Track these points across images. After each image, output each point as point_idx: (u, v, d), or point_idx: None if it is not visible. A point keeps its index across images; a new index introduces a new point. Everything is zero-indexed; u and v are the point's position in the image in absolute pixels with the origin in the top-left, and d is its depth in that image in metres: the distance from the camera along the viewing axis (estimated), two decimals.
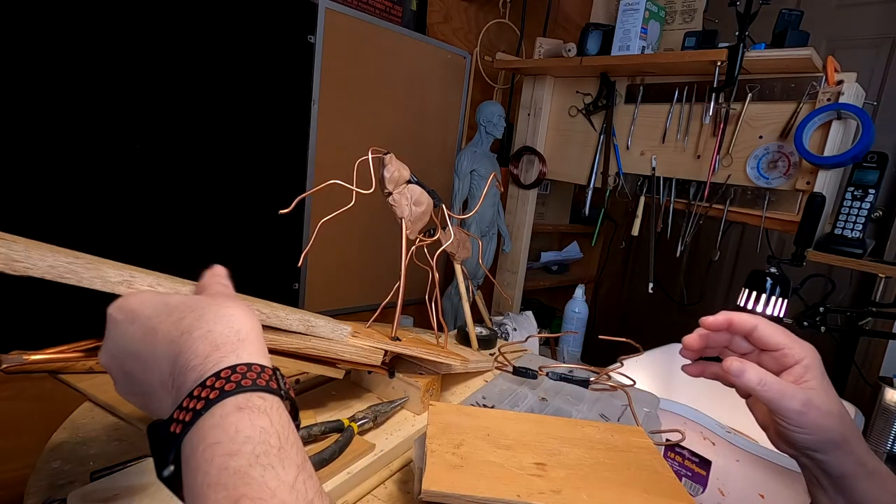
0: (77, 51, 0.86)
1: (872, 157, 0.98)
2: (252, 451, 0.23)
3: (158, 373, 0.28)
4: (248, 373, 0.26)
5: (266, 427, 0.25)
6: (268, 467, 0.23)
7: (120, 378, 0.31)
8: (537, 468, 0.40)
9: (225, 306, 0.30)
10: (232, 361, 0.26)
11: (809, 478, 0.43)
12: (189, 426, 0.25)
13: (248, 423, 0.24)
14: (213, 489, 0.22)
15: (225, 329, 0.28)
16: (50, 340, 0.51)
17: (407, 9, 1.37)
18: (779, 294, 0.81)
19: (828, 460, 0.40)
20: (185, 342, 0.27)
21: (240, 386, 0.25)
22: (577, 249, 2.04)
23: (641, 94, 1.28)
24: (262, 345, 0.29)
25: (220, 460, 0.23)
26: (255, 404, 0.25)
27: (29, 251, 0.29)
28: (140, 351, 0.29)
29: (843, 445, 0.39)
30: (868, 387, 1.47)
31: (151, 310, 0.30)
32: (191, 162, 1.03)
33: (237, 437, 0.24)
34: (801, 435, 0.39)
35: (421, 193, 0.67)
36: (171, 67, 0.97)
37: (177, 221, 1.04)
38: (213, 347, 0.27)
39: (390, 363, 0.60)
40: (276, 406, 0.26)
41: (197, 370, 0.26)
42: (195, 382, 0.26)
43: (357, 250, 1.38)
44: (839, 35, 1.69)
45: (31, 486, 0.44)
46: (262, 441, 0.24)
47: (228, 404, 0.25)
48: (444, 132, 1.53)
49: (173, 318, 0.29)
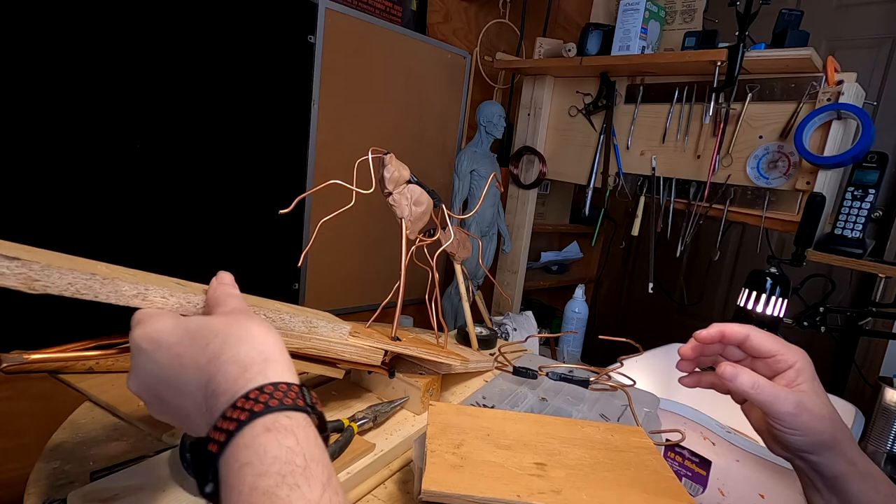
0: (78, 51, 0.86)
1: (872, 157, 0.98)
2: (279, 471, 0.25)
3: (191, 398, 0.30)
4: (275, 392, 0.28)
5: (292, 446, 0.26)
6: (294, 487, 0.24)
7: (153, 403, 0.33)
8: (537, 468, 0.40)
9: (246, 327, 0.31)
10: (260, 382, 0.28)
11: (804, 480, 0.44)
12: (224, 446, 0.26)
13: (276, 443, 0.26)
14: None
15: (251, 351, 0.30)
16: (50, 340, 0.51)
17: (407, 9, 1.37)
18: (779, 294, 0.81)
19: (820, 461, 0.40)
20: (214, 367, 0.29)
21: (267, 406, 0.27)
22: (577, 249, 2.04)
23: (641, 94, 1.28)
24: (287, 361, 0.31)
25: (251, 480, 0.25)
26: (282, 424, 0.27)
27: (48, 270, 0.30)
28: (170, 378, 0.31)
29: (835, 447, 0.40)
30: (868, 387, 1.47)
31: (175, 337, 0.31)
32: (191, 162, 1.03)
33: (265, 458, 0.25)
34: (793, 437, 0.40)
35: (421, 193, 0.67)
36: (172, 67, 0.97)
37: (177, 221, 1.04)
38: (241, 370, 0.29)
39: (390, 363, 0.60)
40: (302, 424, 0.28)
41: (228, 393, 0.28)
42: (227, 404, 0.27)
43: (357, 250, 1.38)
44: (839, 35, 1.69)
45: (31, 486, 0.44)
46: (289, 461, 0.25)
47: (257, 425, 0.26)
48: (444, 132, 1.53)
49: (198, 344, 0.31)
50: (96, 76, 0.89)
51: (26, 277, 0.29)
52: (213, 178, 1.07)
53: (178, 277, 0.42)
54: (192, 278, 0.43)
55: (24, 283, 0.29)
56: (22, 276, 0.29)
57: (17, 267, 0.29)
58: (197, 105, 1.02)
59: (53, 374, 0.58)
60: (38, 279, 0.30)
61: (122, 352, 0.57)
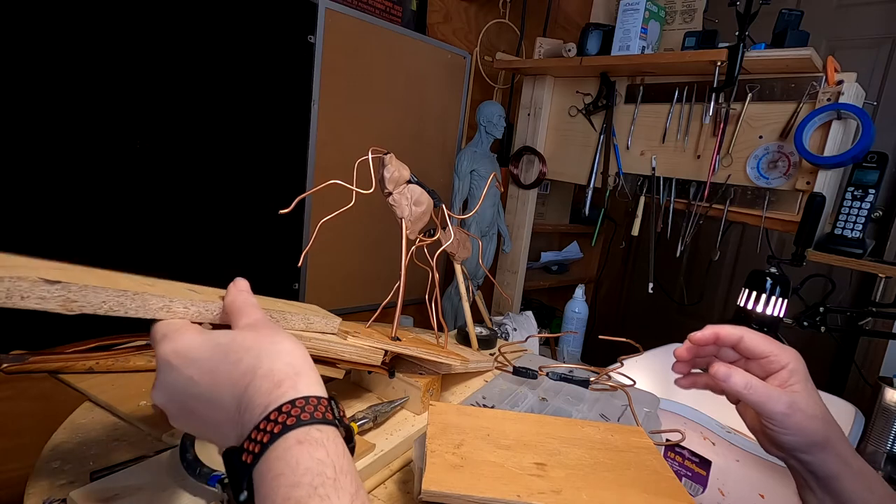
0: (78, 51, 0.86)
1: (872, 157, 0.98)
2: (310, 482, 0.26)
3: (224, 411, 0.31)
4: (306, 406, 0.29)
5: (323, 458, 0.27)
6: (325, 498, 0.26)
7: (179, 415, 0.34)
8: (537, 468, 0.40)
9: (277, 343, 0.33)
10: (292, 396, 0.29)
11: (798, 479, 0.44)
12: (258, 457, 0.28)
13: (308, 455, 0.27)
14: None
15: (283, 366, 0.31)
16: (50, 340, 0.51)
17: (407, 9, 1.37)
18: (779, 294, 0.81)
19: (813, 461, 0.41)
20: (248, 382, 0.31)
21: (299, 420, 0.28)
22: (577, 249, 2.04)
23: (641, 94, 1.28)
24: (316, 375, 0.32)
25: (284, 491, 0.26)
26: (313, 437, 0.28)
27: (85, 291, 0.30)
28: (202, 393, 0.32)
29: (827, 446, 0.41)
30: (868, 387, 1.47)
31: (207, 353, 0.33)
32: (191, 162, 1.03)
33: (298, 469, 0.27)
34: (786, 436, 0.41)
35: (421, 193, 0.67)
36: (172, 67, 0.97)
37: (177, 221, 1.04)
38: (274, 385, 0.30)
39: (390, 363, 0.60)
40: (331, 436, 0.29)
41: (261, 406, 0.29)
42: (260, 417, 0.29)
43: (357, 250, 1.38)
44: (839, 35, 1.69)
45: (31, 486, 0.44)
46: (320, 472, 0.27)
47: (290, 438, 0.28)
48: (444, 132, 1.53)
49: (230, 359, 0.32)
50: (97, 76, 0.89)
51: (65, 300, 0.30)
52: (214, 178, 1.07)
53: (179, 278, 0.42)
54: (192, 278, 0.43)
55: (62, 306, 0.30)
56: (61, 298, 0.29)
57: (58, 290, 0.29)
58: (197, 105, 1.02)
59: (53, 374, 0.58)
60: (76, 300, 0.30)
61: (122, 352, 0.57)
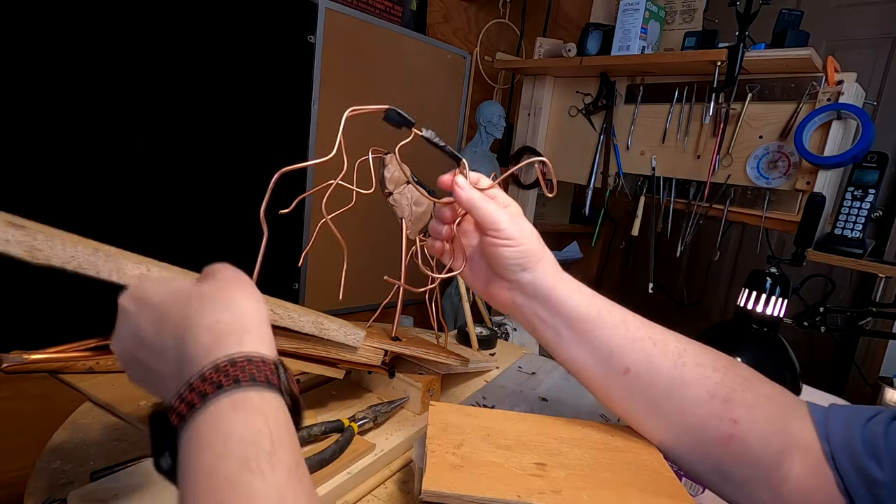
0: (79, 51, 0.86)
1: (872, 157, 0.98)
2: (242, 454, 0.23)
3: (165, 361, 0.28)
4: (247, 366, 0.26)
5: (260, 429, 0.24)
6: (256, 472, 0.23)
7: (131, 366, 0.31)
8: (537, 468, 0.40)
9: (231, 293, 0.29)
10: (233, 352, 0.26)
11: (533, 323, 0.46)
12: (186, 419, 0.25)
13: (242, 423, 0.24)
14: (202, 491, 0.22)
15: (230, 318, 0.28)
16: (50, 340, 0.51)
17: (407, 9, 1.37)
18: (779, 294, 0.81)
19: (535, 278, 0.44)
20: (188, 330, 0.27)
21: (237, 382, 0.25)
22: (577, 249, 2.04)
23: (641, 94, 1.28)
24: (267, 335, 0.29)
25: (209, 462, 0.23)
26: (251, 402, 0.25)
27: (52, 241, 0.29)
28: (148, 338, 0.29)
29: (544, 257, 0.44)
30: (868, 387, 1.47)
31: (160, 296, 0.30)
32: (191, 161, 1.03)
33: (229, 440, 0.23)
34: (508, 248, 0.43)
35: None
36: (172, 67, 0.97)
37: (177, 221, 1.04)
38: (215, 339, 0.27)
39: (390, 363, 0.59)
40: (273, 404, 0.26)
41: (198, 361, 0.26)
42: (195, 373, 0.26)
43: (357, 250, 1.38)
44: (839, 35, 1.70)
45: (31, 486, 0.44)
46: (254, 443, 0.23)
47: (224, 402, 0.24)
48: (444, 132, 1.53)
49: (180, 304, 0.29)
50: (97, 76, 0.89)
51: (29, 246, 0.29)
52: (214, 178, 1.07)
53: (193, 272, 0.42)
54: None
55: (27, 252, 0.29)
56: (25, 244, 0.29)
57: (22, 236, 0.29)
58: (197, 105, 1.02)
59: (53, 374, 0.58)
60: (42, 249, 0.29)
61: None
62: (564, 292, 0.44)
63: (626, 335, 0.43)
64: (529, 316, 0.46)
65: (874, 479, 0.34)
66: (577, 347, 0.44)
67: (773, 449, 0.38)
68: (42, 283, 0.85)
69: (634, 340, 0.43)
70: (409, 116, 0.46)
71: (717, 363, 0.42)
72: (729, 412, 0.40)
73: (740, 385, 0.41)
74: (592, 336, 0.43)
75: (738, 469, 0.40)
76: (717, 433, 0.40)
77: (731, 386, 0.41)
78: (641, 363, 0.42)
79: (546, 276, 0.44)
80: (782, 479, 0.38)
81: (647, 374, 0.42)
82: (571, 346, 0.44)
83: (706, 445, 0.41)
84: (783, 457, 0.38)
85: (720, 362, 0.42)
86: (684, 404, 0.41)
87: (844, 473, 0.36)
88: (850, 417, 0.38)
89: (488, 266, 0.47)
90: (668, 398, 0.42)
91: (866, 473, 0.35)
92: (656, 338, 0.43)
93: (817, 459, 0.37)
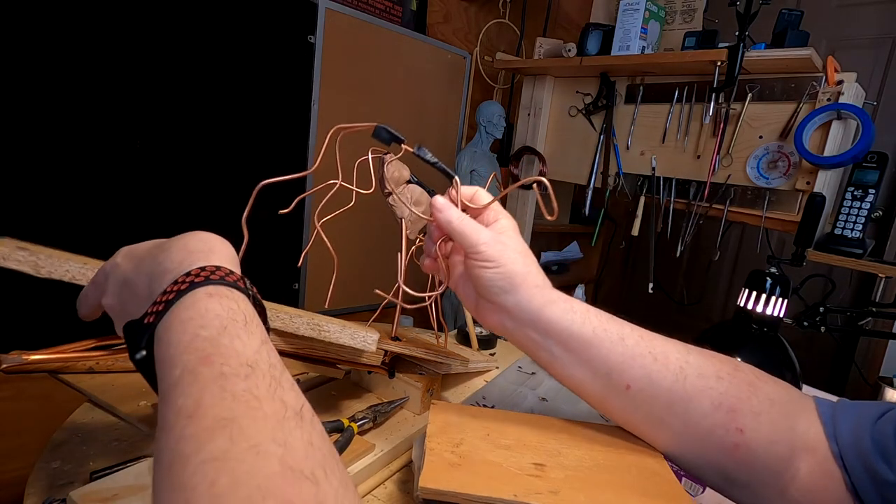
0: (79, 51, 0.86)
1: (872, 157, 0.98)
2: (220, 324, 0.25)
3: (140, 288, 0.31)
4: (216, 271, 0.28)
5: (233, 308, 0.27)
6: (235, 336, 0.25)
7: (117, 311, 0.34)
8: (536, 468, 0.40)
9: (202, 233, 0.33)
10: (202, 263, 0.29)
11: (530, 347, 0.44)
12: (162, 314, 0.27)
13: (217, 304, 0.26)
14: (185, 352, 0.24)
15: (199, 244, 0.31)
16: (50, 340, 0.51)
17: (407, 9, 1.37)
18: (779, 294, 0.81)
19: (519, 301, 0.42)
20: (161, 255, 0.30)
21: (209, 280, 0.27)
22: (577, 249, 2.04)
23: (641, 94, 1.28)
24: (234, 260, 0.32)
25: (193, 330, 0.25)
26: (223, 293, 0.27)
27: (51, 259, 0.38)
28: (129, 278, 0.32)
29: (527, 279, 0.42)
30: (868, 387, 1.47)
31: (144, 248, 0.33)
32: (191, 161, 1.03)
33: (207, 315, 0.26)
34: (487, 270, 0.42)
35: (421, 193, 0.67)
36: (172, 67, 0.97)
37: (177, 221, 1.04)
38: (185, 254, 0.30)
39: (390, 363, 0.59)
40: (243, 300, 0.28)
41: (171, 273, 0.29)
42: (168, 281, 0.28)
43: (357, 250, 1.38)
44: (839, 35, 1.70)
45: (31, 486, 0.44)
46: (230, 318, 0.26)
47: (199, 292, 0.27)
48: (444, 132, 1.53)
49: (157, 245, 0.32)
50: (97, 76, 0.89)
51: (34, 264, 0.37)
52: (214, 178, 1.07)
53: None
54: None
55: (32, 268, 0.37)
56: (31, 262, 0.37)
57: (29, 256, 0.37)
58: (197, 105, 1.02)
59: (53, 374, 0.58)
60: (44, 266, 0.38)
61: (122, 352, 0.57)
62: (555, 313, 0.42)
63: (624, 352, 0.41)
64: (521, 338, 0.44)
65: (883, 479, 0.34)
66: (573, 367, 0.43)
67: (780, 453, 0.38)
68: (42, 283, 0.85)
69: (634, 357, 0.41)
70: (398, 134, 0.45)
71: (721, 371, 0.41)
72: (734, 422, 0.39)
73: (745, 392, 0.40)
74: (588, 355, 0.42)
75: (744, 474, 0.39)
76: (722, 443, 0.39)
77: (736, 395, 0.40)
78: (642, 379, 0.41)
79: (531, 299, 0.42)
80: (789, 481, 0.38)
81: (649, 389, 0.41)
82: (567, 366, 0.43)
83: (711, 454, 0.40)
84: (790, 459, 0.38)
85: (724, 370, 0.41)
86: (688, 416, 0.40)
87: (853, 473, 0.36)
88: (858, 417, 0.38)
89: (474, 287, 0.45)
90: (670, 411, 0.41)
91: (875, 474, 0.34)
92: (657, 352, 0.42)
93: (825, 458, 0.37)
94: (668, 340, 0.43)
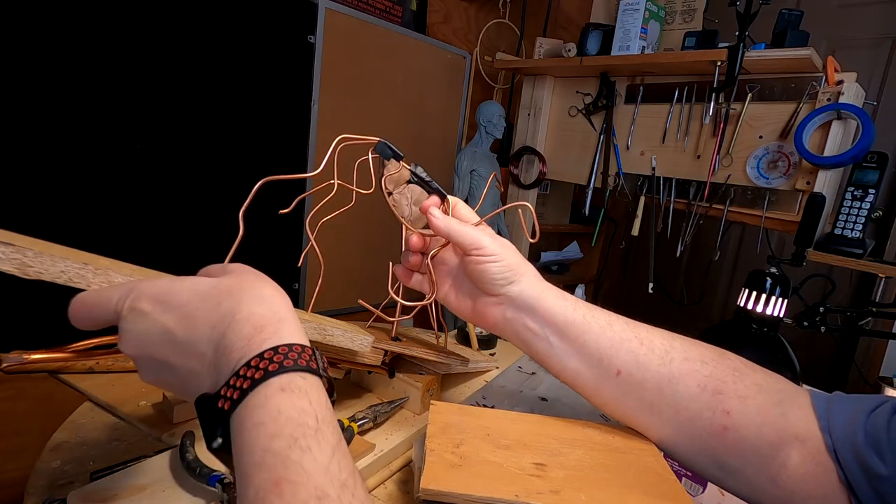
0: (78, 51, 0.86)
1: (872, 157, 0.98)
2: (291, 433, 0.25)
3: (200, 357, 0.29)
4: (289, 353, 0.28)
5: (305, 408, 0.26)
6: (305, 450, 0.25)
7: (150, 365, 0.32)
8: (537, 468, 0.40)
9: (259, 287, 0.32)
10: (274, 342, 0.28)
11: (529, 338, 0.46)
12: (237, 404, 0.26)
13: (289, 404, 0.26)
14: (257, 469, 0.24)
15: (265, 311, 0.30)
16: (50, 340, 0.51)
17: (407, 9, 1.37)
18: (779, 294, 0.81)
19: (522, 290, 0.45)
20: (228, 325, 0.29)
21: (282, 366, 0.27)
22: (577, 249, 2.04)
23: (641, 94, 1.28)
24: (298, 324, 0.31)
25: (264, 442, 0.25)
26: (296, 385, 0.27)
27: (42, 257, 0.31)
28: (176, 338, 0.30)
29: (527, 270, 0.46)
30: (868, 387, 1.47)
31: (185, 297, 0.31)
32: (191, 162, 1.03)
33: (279, 419, 0.25)
34: (494, 264, 0.44)
35: (421, 193, 0.67)
36: (172, 68, 0.97)
37: (177, 222, 1.04)
38: (255, 329, 0.28)
39: (390, 363, 0.60)
40: (314, 386, 0.28)
41: (241, 351, 0.28)
42: (239, 362, 0.27)
43: (357, 250, 1.38)
44: (839, 35, 1.70)
45: (31, 486, 0.44)
46: (301, 423, 0.26)
47: (272, 385, 0.26)
48: (444, 132, 1.53)
49: (209, 303, 0.30)
50: (96, 77, 0.89)
51: (21, 263, 0.30)
52: (214, 179, 1.07)
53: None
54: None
55: (18, 269, 0.30)
56: (17, 261, 0.30)
57: (12, 252, 0.30)
58: (197, 105, 1.02)
59: (53, 374, 0.58)
60: (32, 265, 0.31)
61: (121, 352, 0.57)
62: (550, 300, 0.45)
63: (612, 337, 0.44)
64: (520, 329, 0.47)
65: (876, 473, 0.34)
66: (568, 356, 0.45)
67: (769, 438, 0.39)
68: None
69: (622, 341, 0.44)
70: (397, 150, 0.48)
71: (706, 356, 0.43)
72: (721, 404, 0.40)
73: (731, 376, 0.41)
74: (581, 342, 0.44)
75: (735, 459, 0.40)
76: (710, 425, 0.40)
77: (722, 378, 0.41)
78: (630, 363, 0.43)
79: (532, 287, 0.46)
80: (780, 468, 0.38)
81: (638, 374, 0.43)
82: (563, 356, 0.45)
83: (702, 438, 0.41)
84: (780, 445, 0.38)
85: (708, 355, 0.43)
86: (676, 399, 0.42)
87: (846, 466, 0.36)
88: (853, 410, 0.38)
89: (474, 286, 0.48)
90: (659, 395, 0.42)
91: (868, 467, 0.35)
92: (642, 336, 0.44)
93: (817, 449, 0.38)
94: (653, 329, 0.46)
